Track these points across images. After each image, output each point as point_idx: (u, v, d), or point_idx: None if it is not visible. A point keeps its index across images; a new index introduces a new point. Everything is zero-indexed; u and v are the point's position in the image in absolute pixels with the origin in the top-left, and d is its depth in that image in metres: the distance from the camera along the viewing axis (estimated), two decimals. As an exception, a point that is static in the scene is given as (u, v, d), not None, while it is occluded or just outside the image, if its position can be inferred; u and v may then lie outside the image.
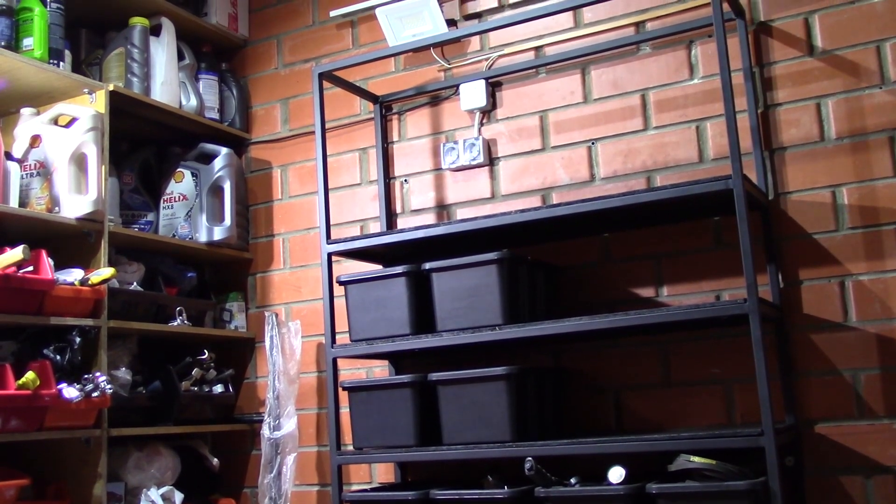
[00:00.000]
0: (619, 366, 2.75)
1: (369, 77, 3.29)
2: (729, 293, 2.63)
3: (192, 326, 3.12)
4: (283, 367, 3.12)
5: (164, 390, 2.99)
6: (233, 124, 3.49)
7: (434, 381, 2.57)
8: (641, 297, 2.75)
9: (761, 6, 2.70)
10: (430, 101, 3.19)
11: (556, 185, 2.92)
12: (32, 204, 2.71)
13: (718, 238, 2.66)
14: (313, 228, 3.34)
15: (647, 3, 2.86)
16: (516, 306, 2.51)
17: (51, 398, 2.45)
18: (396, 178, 3.21)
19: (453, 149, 3.07)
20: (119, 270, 2.90)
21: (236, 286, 3.44)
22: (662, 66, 2.81)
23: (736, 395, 2.58)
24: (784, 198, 2.60)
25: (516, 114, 3.02)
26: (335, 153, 3.30)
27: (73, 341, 2.60)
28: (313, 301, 3.28)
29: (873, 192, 2.50)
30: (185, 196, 3.24)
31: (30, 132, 2.79)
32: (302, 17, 3.51)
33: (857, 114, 2.54)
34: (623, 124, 2.84)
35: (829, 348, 2.50)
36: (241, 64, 3.61)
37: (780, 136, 2.63)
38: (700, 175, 2.69)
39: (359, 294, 2.70)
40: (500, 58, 3.08)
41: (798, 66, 2.63)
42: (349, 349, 2.69)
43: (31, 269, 2.50)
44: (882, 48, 2.54)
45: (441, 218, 3.10)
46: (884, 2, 2.55)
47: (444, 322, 2.56)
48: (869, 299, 2.47)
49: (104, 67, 3.10)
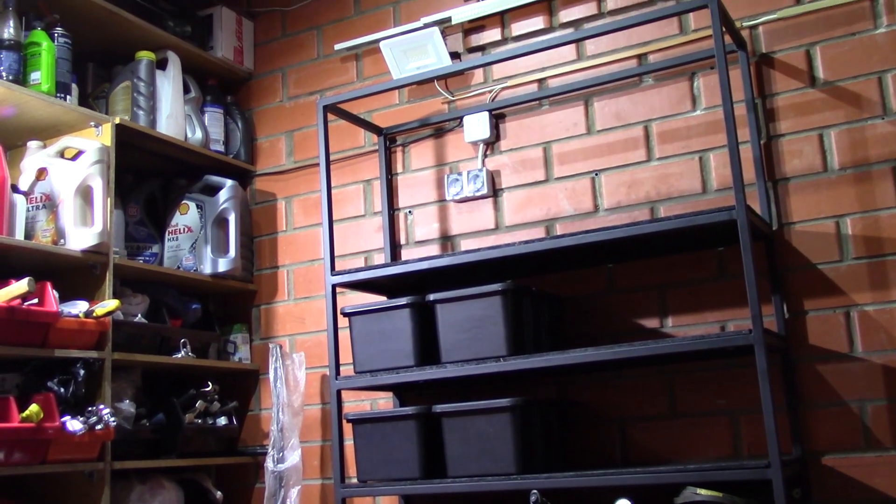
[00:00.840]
0: (625, 397, 2.73)
1: (373, 109, 3.31)
2: (734, 324, 2.63)
3: (196, 358, 3.11)
4: (286, 399, 3.12)
5: (167, 423, 2.98)
6: (238, 156, 3.51)
7: (438, 412, 2.56)
8: (646, 327, 2.74)
9: (763, 38, 2.72)
10: (434, 132, 3.21)
11: (559, 216, 2.93)
12: (38, 236, 2.72)
13: (723, 268, 2.66)
14: (317, 260, 3.34)
15: (649, 35, 2.88)
16: (521, 337, 2.51)
17: (54, 431, 2.45)
18: (400, 210, 3.22)
19: (457, 180, 3.08)
20: (124, 302, 2.91)
21: (241, 318, 3.44)
22: (665, 98, 2.83)
23: (742, 426, 2.57)
24: (788, 228, 2.60)
25: (520, 145, 3.04)
26: (339, 185, 3.31)
27: (77, 373, 2.60)
28: (317, 333, 3.28)
29: (877, 222, 2.50)
30: (190, 228, 3.25)
31: (36, 165, 2.80)
32: (307, 50, 3.54)
33: (860, 144, 2.55)
34: (626, 155, 2.85)
35: (836, 379, 2.48)
36: (247, 97, 3.64)
37: (783, 166, 2.64)
38: (703, 206, 2.69)
39: (363, 325, 2.70)
40: (503, 90, 3.10)
41: (800, 97, 2.65)
42: (353, 381, 2.68)
43: (35, 302, 2.51)
44: (884, 79, 2.55)
45: (445, 249, 3.11)
46: (884, 33, 2.57)
47: (448, 353, 2.56)
48: (874, 329, 2.46)
49: (111, 101, 3.13)
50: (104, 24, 3.10)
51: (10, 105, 2.71)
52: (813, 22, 2.66)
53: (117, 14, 3.05)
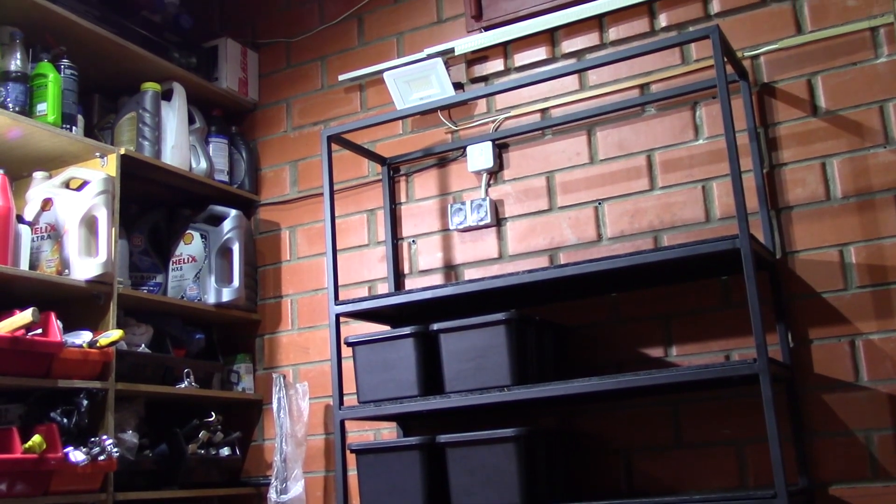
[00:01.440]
0: (630, 427, 2.72)
1: (377, 139, 3.33)
2: (738, 353, 2.62)
3: (199, 388, 3.11)
4: (290, 430, 3.10)
5: (170, 453, 2.97)
6: (242, 186, 3.52)
7: (442, 443, 2.55)
8: (651, 356, 2.73)
9: (764, 68, 2.73)
10: (438, 162, 3.22)
11: (563, 245, 2.93)
12: (43, 266, 2.73)
13: (727, 297, 2.66)
14: (321, 289, 3.34)
15: (651, 65, 2.89)
16: (525, 367, 2.50)
17: (57, 462, 2.44)
18: (404, 239, 3.22)
19: (461, 209, 3.09)
20: (127, 332, 2.91)
21: (244, 347, 3.44)
22: (667, 127, 2.84)
23: (748, 456, 2.55)
24: (792, 257, 2.60)
25: (523, 175, 3.05)
26: (343, 214, 3.32)
27: (80, 404, 2.59)
28: (321, 362, 3.27)
29: (881, 250, 2.50)
30: (194, 258, 3.26)
31: (42, 195, 2.82)
32: (311, 81, 3.56)
33: (863, 173, 2.55)
34: (629, 184, 2.86)
35: (842, 408, 2.47)
36: (251, 127, 3.66)
37: (786, 195, 2.64)
38: (707, 234, 2.70)
39: (367, 355, 2.69)
40: (506, 120, 3.12)
41: (802, 126, 2.66)
42: (357, 411, 2.67)
43: (39, 332, 2.51)
44: (885, 108, 2.56)
45: (449, 278, 3.11)
46: (885, 63, 2.58)
47: (452, 383, 2.55)
48: (880, 358, 2.45)
49: (116, 131, 3.15)
50: (110, 56, 3.12)
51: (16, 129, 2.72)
52: (814, 51, 2.67)
53: (123, 46, 3.08)
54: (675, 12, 2.90)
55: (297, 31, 3.63)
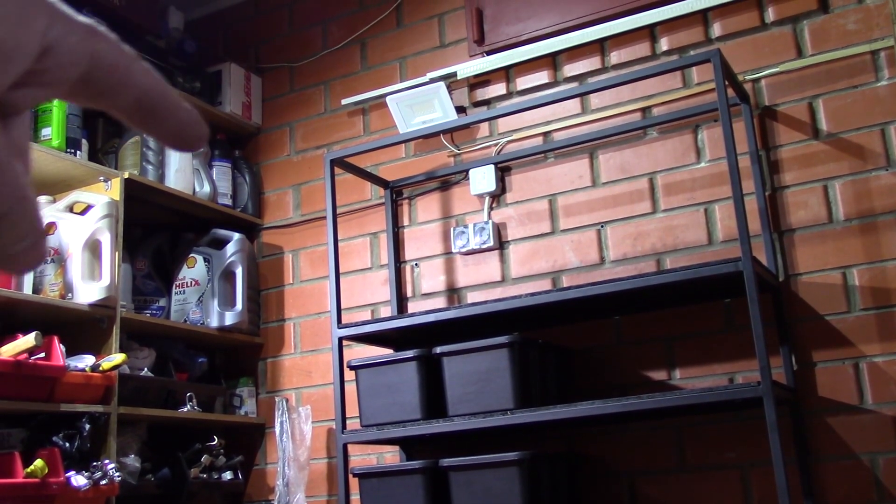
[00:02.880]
0: (633, 450, 2.71)
1: (380, 163, 3.34)
2: (742, 376, 2.61)
3: (202, 412, 3.10)
4: (292, 454, 3.09)
5: (172, 478, 2.96)
6: (245, 210, 3.53)
7: (445, 467, 2.54)
8: (654, 379, 2.73)
9: (766, 91, 2.74)
10: (440, 185, 3.23)
11: (566, 269, 2.93)
12: (46, 290, 2.73)
13: (730, 320, 2.65)
14: (324, 313, 3.34)
15: (652, 89, 2.91)
16: (528, 390, 2.50)
17: (59, 486, 2.43)
18: (407, 263, 3.22)
19: (463, 233, 3.10)
20: (130, 356, 2.91)
21: (247, 371, 3.44)
22: (669, 150, 2.85)
23: (752, 479, 2.54)
24: (794, 279, 2.60)
25: (525, 198, 3.05)
26: (346, 238, 3.32)
27: (82, 428, 2.59)
28: (324, 386, 3.27)
29: (884, 273, 2.50)
30: (198, 281, 3.27)
31: (45, 219, 2.82)
32: (314, 105, 3.58)
33: (865, 195, 2.56)
34: (632, 207, 2.87)
35: (846, 432, 2.46)
36: (254, 151, 3.68)
37: (788, 217, 2.64)
38: (709, 257, 2.70)
39: (369, 378, 2.69)
40: (508, 143, 3.13)
41: (804, 149, 2.66)
42: (360, 435, 2.66)
43: (42, 356, 2.51)
44: (887, 131, 2.57)
45: (452, 302, 3.11)
46: (886, 86, 2.59)
47: (455, 406, 2.54)
48: (884, 381, 2.44)
49: (120, 155, 3.16)
50: (115, 81, 3.14)
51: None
52: (815, 75, 2.68)
53: (128, 71, 3.09)
54: (676, 36, 2.91)
55: (300, 56, 3.65)
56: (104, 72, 0.35)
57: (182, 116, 0.38)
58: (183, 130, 0.38)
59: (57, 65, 0.33)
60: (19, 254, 0.31)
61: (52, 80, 0.33)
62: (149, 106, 0.37)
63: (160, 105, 0.37)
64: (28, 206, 0.31)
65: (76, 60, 0.34)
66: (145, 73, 0.36)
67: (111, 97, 0.36)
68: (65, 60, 0.33)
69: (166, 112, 0.37)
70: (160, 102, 0.37)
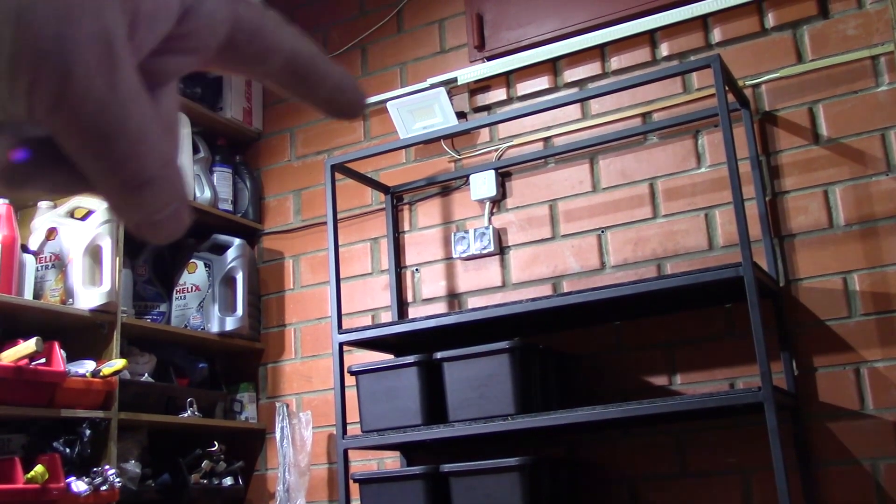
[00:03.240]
0: (634, 456, 2.71)
1: (381, 168, 3.34)
2: (743, 381, 2.61)
3: (202, 418, 3.10)
4: (293, 459, 3.09)
5: (173, 483, 2.96)
6: (246, 215, 3.53)
7: (446, 472, 2.54)
8: (655, 385, 2.73)
9: (766, 96, 2.75)
10: (441, 191, 3.23)
11: (566, 274, 2.93)
12: (47, 296, 2.73)
13: (731, 325, 2.65)
14: (325, 318, 3.34)
15: (653, 94, 2.91)
16: (529, 396, 2.50)
17: (59, 492, 2.43)
18: (407, 268, 3.22)
19: (464, 238, 3.10)
20: (131, 361, 2.91)
21: (247, 376, 3.44)
22: (670, 156, 2.85)
23: (754, 485, 2.54)
24: (795, 284, 2.60)
25: (526, 203, 3.05)
26: (347, 243, 3.32)
27: (83, 434, 2.59)
28: (324, 391, 3.26)
29: (884, 278, 2.50)
30: (198, 287, 3.27)
31: (46, 225, 2.83)
32: (315, 110, 3.57)
33: (865, 201, 2.56)
34: (632, 213, 2.87)
35: (847, 437, 2.46)
36: (255, 156, 3.68)
37: (788, 223, 2.64)
38: (710, 262, 2.70)
39: (370, 384, 2.69)
40: (509, 148, 3.13)
41: (804, 154, 2.66)
42: (360, 440, 2.66)
43: (43, 361, 2.51)
44: (887, 136, 2.57)
45: (452, 307, 3.11)
46: (886, 91, 2.59)
47: (455, 412, 2.54)
48: (885, 387, 2.44)
49: (121, 161, 3.16)
50: (116, 87, 3.14)
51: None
52: (815, 80, 2.69)
53: (129, 76, 3.09)
54: (676, 42, 2.92)
55: (300, 62, 3.64)
56: (248, 36, 0.34)
57: (336, 81, 0.37)
58: (338, 96, 0.37)
59: (197, 28, 0.32)
60: (164, 220, 0.31)
61: (195, 46, 0.33)
62: (298, 72, 0.36)
63: (311, 70, 0.36)
64: (173, 172, 0.31)
65: (217, 24, 0.33)
66: (292, 36, 0.35)
67: (257, 63, 0.35)
68: (205, 24, 0.32)
69: (318, 77, 0.36)
70: (311, 67, 0.36)
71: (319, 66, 0.36)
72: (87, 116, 0.28)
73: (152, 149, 0.30)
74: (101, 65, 0.28)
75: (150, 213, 0.31)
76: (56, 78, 0.27)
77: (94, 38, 0.28)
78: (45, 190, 0.33)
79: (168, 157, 0.31)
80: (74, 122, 0.28)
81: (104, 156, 0.29)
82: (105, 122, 0.28)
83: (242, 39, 0.34)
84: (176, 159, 0.32)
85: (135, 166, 0.29)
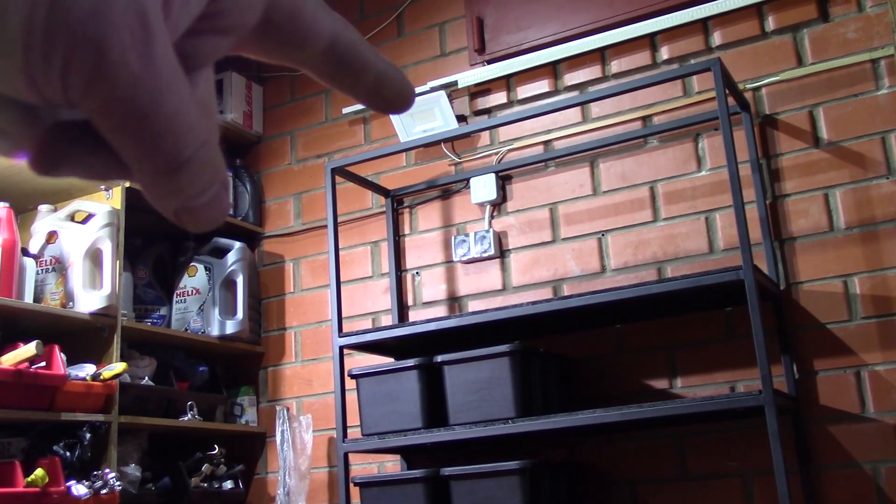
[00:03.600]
0: (635, 459, 2.71)
1: (381, 172, 3.34)
2: (744, 384, 2.61)
3: (202, 421, 3.10)
4: (293, 463, 3.09)
5: (173, 487, 2.95)
6: (246, 219, 3.53)
7: (447, 475, 2.53)
8: (655, 388, 2.73)
9: (766, 100, 2.75)
10: (441, 194, 3.23)
11: (567, 277, 2.93)
12: (47, 299, 2.73)
13: (731, 329, 2.65)
14: (325, 321, 3.34)
15: (653, 97, 2.91)
16: (529, 399, 2.49)
17: (59, 496, 2.42)
18: (408, 271, 3.22)
19: (464, 241, 3.10)
20: (131, 365, 2.90)
21: (248, 380, 3.43)
22: (670, 159, 2.85)
23: (755, 488, 2.53)
24: (796, 288, 2.60)
25: (526, 206, 3.05)
26: (347, 246, 3.32)
27: (83, 437, 2.59)
28: (325, 395, 3.26)
29: (885, 281, 2.50)
30: (198, 290, 3.27)
31: (46, 228, 2.83)
32: (315, 114, 3.58)
33: (866, 204, 2.56)
34: (632, 216, 2.87)
35: (848, 440, 2.46)
36: (255, 159, 3.68)
37: (789, 226, 2.64)
38: (710, 266, 2.70)
39: (370, 387, 2.68)
40: (509, 152, 3.13)
41: (804, 157, 2.67)
42: (361, 444, 2.66)
43: (43, 365, 2.51)
44: (887, 139, 2.57)
45: (452, 310, 3.11)
46: (886, 95, 2.59)
47: (456, 415, 2.54)
48: (886, 390, 2.44)
49: (121, 164, 3.16)
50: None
51: (23, 172, 2.74)
52: (815, 83, 2.69)
53: (129, 80, 3.10)
54: (676, 45, 2.92)
55: (301, 65, 3.65)
56: (285, 17, 0.32)
57: (380, 71, 0.34)
58: (382, 88, 0.35)
59: (230, 7, 0.31)
60: (203, 206, 0.30)
61: (229, 26, 0.31)
62: (340, 59, 0.33)
63: (353, 58, 0.34)
64: (212, 153, 0.30)
65: (250, 2, 0.31)
66: (334, 21, 0.33)
67: (296, 48, 0.33)
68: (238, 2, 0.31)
69: (361, 66, 0.34)
70: (353, 55, 0.33)
71: (362, 53, 0.34)
72: (123, 92, 0.27)
73: (190, 128, 0.28)
74: (137, 39, 0.27)
75: (188, 198, 0.30)
76: (91, 54, 0.26)
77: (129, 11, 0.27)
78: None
79: (206, 138, 0.29)
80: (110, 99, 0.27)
81: (141, 135, 0.28)
82: (141, 98, 0.27)
83: (280, 20, 0.32)
84: (215, 141, 0.30)
85: (172, 146, 0.28)
